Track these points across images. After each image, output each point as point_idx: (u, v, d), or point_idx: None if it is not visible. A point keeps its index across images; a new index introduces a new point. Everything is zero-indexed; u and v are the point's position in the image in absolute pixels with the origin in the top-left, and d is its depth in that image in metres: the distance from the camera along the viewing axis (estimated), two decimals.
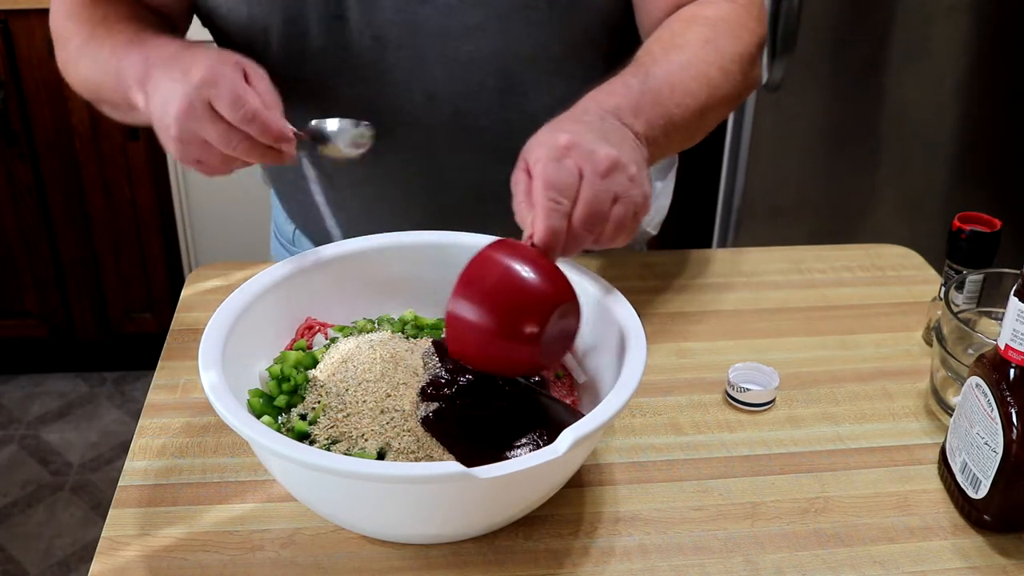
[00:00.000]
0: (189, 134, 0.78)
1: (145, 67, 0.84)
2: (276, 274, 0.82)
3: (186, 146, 0.79)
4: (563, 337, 0.73)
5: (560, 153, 0.74)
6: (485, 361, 0.72)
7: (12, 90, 2.05)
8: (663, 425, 0.85)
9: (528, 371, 0.75)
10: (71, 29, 0.96)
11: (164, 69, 0.82)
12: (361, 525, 0.72)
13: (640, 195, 0.76)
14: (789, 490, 0.79)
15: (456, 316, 0.70)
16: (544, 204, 0.72)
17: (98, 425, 2.34)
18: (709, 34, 0.91)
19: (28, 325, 2.33)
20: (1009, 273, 0.89)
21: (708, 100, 0.89)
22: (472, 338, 0.70)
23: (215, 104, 0.77)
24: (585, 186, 0.73)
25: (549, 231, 0.71)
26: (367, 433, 0.73)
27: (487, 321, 0.69)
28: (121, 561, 0.71)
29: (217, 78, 0.77)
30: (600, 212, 0.73)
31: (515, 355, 0.71)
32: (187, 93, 0.77)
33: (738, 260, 1.10)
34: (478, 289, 0.70)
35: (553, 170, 0.72)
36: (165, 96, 0.79)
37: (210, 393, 0.68)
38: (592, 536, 0.74)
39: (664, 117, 0.84)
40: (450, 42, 0.93)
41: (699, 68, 0.89)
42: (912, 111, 2.04)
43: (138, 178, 2.17)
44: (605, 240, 0.75)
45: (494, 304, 0.70)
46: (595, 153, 0.74)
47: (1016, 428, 0.70)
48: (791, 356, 0.94)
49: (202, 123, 0.77)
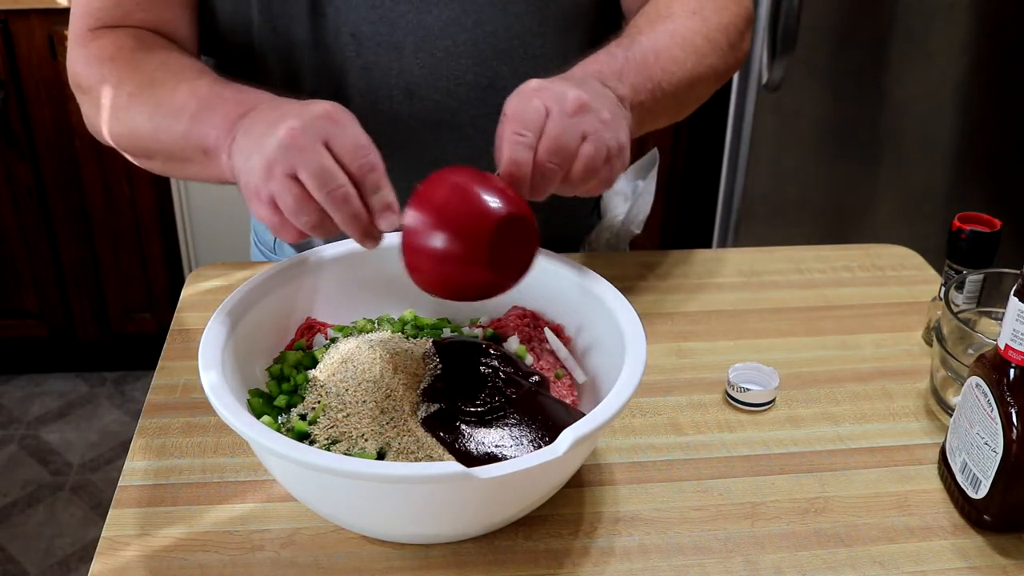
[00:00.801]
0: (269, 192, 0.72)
1: (239, 109, 0.79)
2: (276, 274, 0.82)
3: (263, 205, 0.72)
4: (518, 253, 0.72)
5: (529, 94, 0.75)
6: (442, 284, 0.72)
7: (12, 90, 2.05)
8: (663, 425, 0.85)
9: (487, 292, 0.73)
10: (115, 73, 0.89)
11: (258, 115, 0.76)
12: (361, 525, 0.72)
13: (613, 139, 0.76)
14: (789, 490, 0.79)
15: (409, 240, 0.70)
16: (510, 137, 0.73)
17: (98, 425, 2.34)
18: (695, 6, 0.93)
19: (28, 325, 2.32)
20: (1009, 273, 0.89)
21: (695, 68, 0.90)
22: (425, 260, 0.70)
23: (299, 175, 0.70)
24: (551, 122, 0.74)
25: (513, 162, 0.72)
26: (367, 433, 0.73)
27: (436, 238, 0.69)
28: (121, 561, 0.71)
29: (302, 141, 0.70)
30: (567, 147, 0.74)
31: (468, 274, 0.70)
32: (271, 154, 0.71)
33: (738, 260, 1.10)
34: (427, 206, 0.70)
35: (520, 107, 0.74)
36: (249, 149, 0.74)
37: (210, 393, 0.68)
38: (592, 536, 0.74)
39: (651, 81, 0.85)
40: (427, 37, 0.93)
41: (685, 36, 0.90)
42: (912, 111, 2.04)
43: (138, 178, 2.17)
44: (575, 180, 0.76)
45: (441, 219, 0.69)
46: (564, 94, 0.75)
47: (1016, 428, 0.70)
48: (791, 356, 0.94)
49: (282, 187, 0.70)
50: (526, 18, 0.95)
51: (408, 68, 0.94)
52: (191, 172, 0.86)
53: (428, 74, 0.95)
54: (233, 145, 0.78)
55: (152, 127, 0.85)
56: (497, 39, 0.94)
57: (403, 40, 0.93)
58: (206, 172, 0.83)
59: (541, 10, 0.95)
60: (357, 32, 0.93)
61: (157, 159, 0.89)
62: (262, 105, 0.78)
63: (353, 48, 0.94)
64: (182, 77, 0.86)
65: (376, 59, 0.94)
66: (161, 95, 0.85)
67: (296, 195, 0.70)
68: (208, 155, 0.81)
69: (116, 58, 0.89)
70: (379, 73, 0.95)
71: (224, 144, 0.79)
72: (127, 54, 0.89)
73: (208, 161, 0.81)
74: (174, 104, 0.84)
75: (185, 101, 0.83)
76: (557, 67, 0.96)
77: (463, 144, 0.98)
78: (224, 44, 0.98)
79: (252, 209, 0.74)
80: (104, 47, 0.90)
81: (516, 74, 0.96)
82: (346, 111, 0.73)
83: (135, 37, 0.91)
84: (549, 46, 0.97)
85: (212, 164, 0.81)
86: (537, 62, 0.97)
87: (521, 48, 0.96)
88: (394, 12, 0.92)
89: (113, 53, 0.90)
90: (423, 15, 0.93)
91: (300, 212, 0.70)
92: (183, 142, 0.83)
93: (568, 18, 0.97)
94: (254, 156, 0.72)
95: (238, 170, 0.76)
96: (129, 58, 0.89)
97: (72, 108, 2.08)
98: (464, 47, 0.94)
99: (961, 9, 1.95)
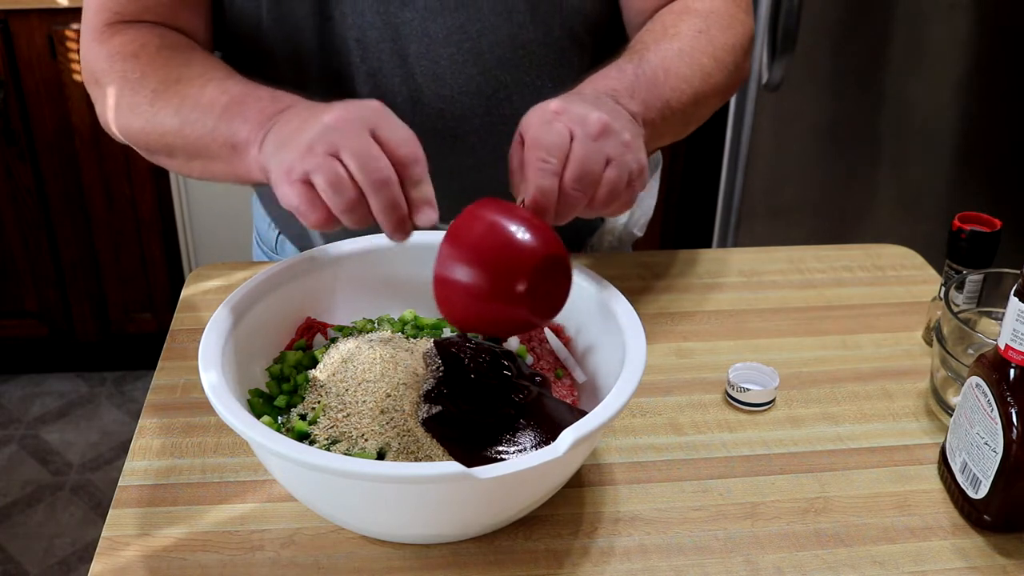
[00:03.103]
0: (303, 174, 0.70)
1: (274, 105, 0.78)
2: (276, 274, 0.82)
3: (295, 187, 0.71)
4: (555, 292, 0.72)
5: (550, 117, 0.74)
6: (476, 321, 0.71)
7: (12, 90, 2.05)
8: (663, 425, 0.85)
9: (522, 329, 0.73)
10: (139, 70, 0.87)
11: (296, 112, 0.76)
12: (361, 525, 0.72)
13: (635, 161, 0.75)
14: (789, 490, 0.79)
15: (443, 276, 0.69)
16: (534, 164, 0.72)
17: (98, 425, 2.34)
18: (701, 25, 0.92)
19: (28, 325, 2.32)
20: (1009, 273, 0.89)
21: (702, 87, 0.89)
22: (460, 298, 0.69)
23: (341, 154, 0.69)
24: (576, 146, 0.72)
25: (539, 190, 0.71)
26: (367, 433, 0.73)
27: (472, 278, 0.68)
28: (121, 561, 0.71)
29: (348, 125, 0.69)
30: (592, 172, 0.73)
31: (504, 313, 0.69)
32: (313, 137, 0.70)
33: (738, 260, 1.10)
34: (463, 245, 0.69)
35: (543, 132, 0.73)
36: (284, 138, 0.72)
37: (210, 393, 0.68)
38: (592, 536, 0.74)
39: (660, 100, 0.85)
40: (432, 45, 0.93)
41: (693, 56, 0.89)
42: (912, 111, 2.04)
43: (138, 178, 2.17)
44: (598, 205, 0.75)
45: (480, 259, 0.69)
46: (586, 116, 0.74)
47: (1016, 428, 0.70)
48: (791, 356, 0.94)
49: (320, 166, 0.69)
50: (530, 28, 0.94)
51: (412, 75, 0.94)
52: (214, 169, 0.84)
53: (432, 82, 0.94)
54: (267, 137, 0.77)
55: (178, 122, 0.84)
56: (501, 49, 0.94)
57: (407, 47, 0.93)
58: (230, 169, 0.82)
59: (546, 21, 0.95)
60: (362, 38, 0.93)
61: (179, 156, 0.87)
62: (298, 104, 0.78)
63: (358, 53, 0.93)
64: (211, 76, 0.85)
65: (380, 65, 0.94)
66: (189, 92, 0.84)
67: (336, 173, 0.69)
68: (236, 150, 0.80)
69: (140, 55, 0.88)
70: (383, 79, 0.94)
71: (256, 139, 0.78)
72: (152, 51, 0.88)
73: (235, 157, 0.80)
74: (202, 100, 0.83)
75: (215, 97, 0.82)
76: (561, 77, 0.95)
77: (466, 152, 0.98)
78: (233, 41, 0.98)
79: (279, 192, 0.72)
80: (126, 43, 0.89)
81: (520, 84, 0.96)
82: (390, 111, 0.72)
83: (159, 35, 0.90)
84: (553, 56, 0.97)
85: (239, 160, 0.80)
86: (541, 72, 0.96)
87: (525, 58, 0.95)
88: (399, 19, 0.92)
89: (136, 50, 0.88)
90: (428, 23, 0.92)
91: (337, 191, 0.69)
92: (210, 137, 0.81)
93: (572, 28, 0.97)
94: (292, 141, 0.71)
95: (268, 158, 0.75)
96: (154, 55, 0.88)
97: (72, 108, 2.08)
98: (468, 56, 0.94)
99: (961, 9, 1.95)
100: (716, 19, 0.93)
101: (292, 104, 0.78)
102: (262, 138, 0.77)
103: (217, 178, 0.85)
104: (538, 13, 0.94)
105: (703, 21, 0.92)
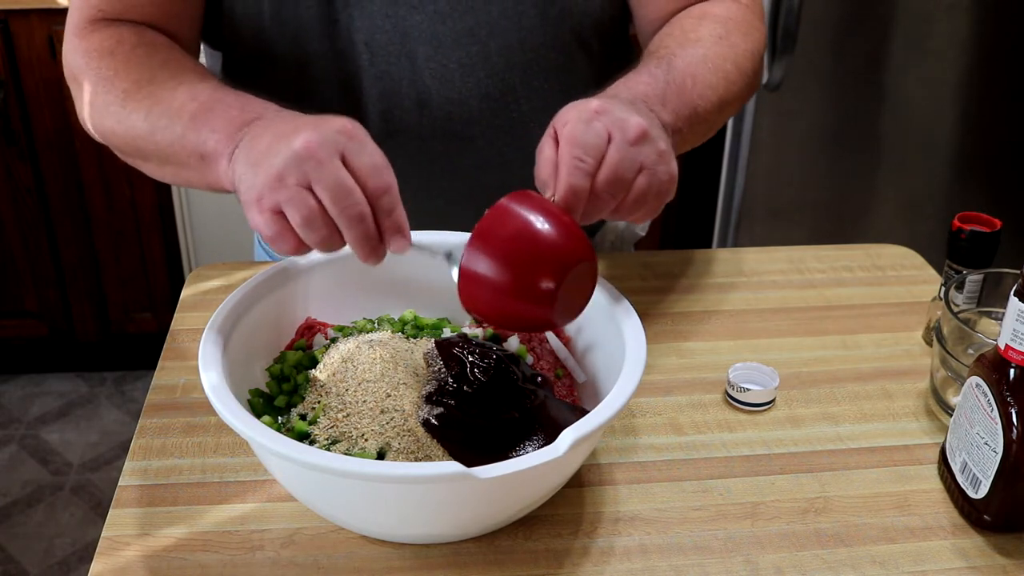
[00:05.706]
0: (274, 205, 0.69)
1: (243, 115, 0.77)
2: (276, 274, 0.82)
3: (268, 216, 0.69)
4: (578, 296, 0.72)
5: (590, 116, 0.73)
6: (497, 317, 0.71)
7: (12, 90, 2.05)
8: (663, 425, 0.85)
9: (540, 328, 0.74)
10: (112, 67, 0.86)
11: (266, 124, 0.74)
12: (361, 525, 0.72)
13: (666, 173, 0.75)
14: (789, 490, 0.79)
15: (469, 270, 0.68)
16: (569, 162, 0.71)
17: (98, 425, 2.34)
18: (721, 31, 0.92)
19: (28, 325, 2.33)
20: (1009, 273, 0.89)
21: (725, 94, 0.89)
22: (485, 293, 0.69)
23: (314, 187, 0.68)
24: (612, 149, 0.72)
25: (571, 189, 0.71)
26: (367, 433, 0.73)
27: (501, 276, 0.68)
28: (121, 561, 0.71)
29: (320, 153, 0.68)
30: (624, 178, 0.73)
31: (529, 312, 0.69)
32: (282, 162, 0.68)
33: (738, 260, 1.10)
34: (493, 241, 0.68)
35: (581, 130, 0.72)
36: (256, 157, 0.71)
37: (210, 393, 0.68)
38: (592, 536, 0.74)
39: (689, 108, 0.84)
40: (441, 48, 0.93)
41: (716, 63, 0.89)
42: (912, 111, 2.04)
43: (138, 178, 2.17)
44: (624, 211, 0.75)
45: (513, 257, 0.68)
46: (626, 120, 0.73)
47: (1016, 428, 0.70)
48: (791, 356, 0.94)
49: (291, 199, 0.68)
50: (539, 31, 0.94)
51: (420, 78, 0.94)
52: (185, 176, 0.83)
53: (440, 85, 0.94)
54: (236, 151, 0.75)
55: (148, 127, 0.82)
56: (510, 52, 0.94)
57: (416, 50, 0.93)
58: (200, 177, 0.80)
59: (555, 24, 0.95)
60: (371, 40, 0.93)
61: (152, 160, 0.86)
62: (268, 115, 0.76)
63: (366, 57, 0.93)
64: (183, 79, 0.84)
65: (388, 68, 0.94)
66: (161, 94, 0.83)
67: (310, 208, 0.68)
68: (204, 160, 0.78)
69: (115, 52, 0.87)
70: (391, 82, 0.94)
71: (224, 150, 0.76)
72: (127, 49, 0.87)
73: (204, 166, 0.79)
74: (173, 104, 0.81)
75: (184, 102, 0.81)
76: (568, 81, 0.95)
77: (473, 154, 0.98)
78: (234, 43, 0.97)
79: (249, 217, 0.71)
80: (103, 40, 0.88)
81: (528, 87, 0.96)
82: (362, 128, 0.71)
83: (136, 33, 0.89)
84: (561, 60, 0.97)
85: (208, 170, 0.78)
86: (549, 76, 0.96)
87: (534, 62, 0.95)
88: (408, 22, 0.92)
89: (112, 47, 0.87)
90: (436, 25, 0.92)
91: (311, 226, 0.68)
92: (179, 144, 0.80)
93: (581, 32, 0.97)
94: (263, 164, 0.70)
95: (239, 177, 0.73)
96: (129, 54, 0.87)
97: (72, 108, 2.07)
98: (477, 59, 0.93)
99: (961, 9, 1.95)
100: (735, 26, 0.93)
101: (261, 114, 0.77)
102: (231, 151, 0.76)
103: (191, 185, 0.84)
104: (547, 17, 0.94)
105: (722, 27, 0.92)
